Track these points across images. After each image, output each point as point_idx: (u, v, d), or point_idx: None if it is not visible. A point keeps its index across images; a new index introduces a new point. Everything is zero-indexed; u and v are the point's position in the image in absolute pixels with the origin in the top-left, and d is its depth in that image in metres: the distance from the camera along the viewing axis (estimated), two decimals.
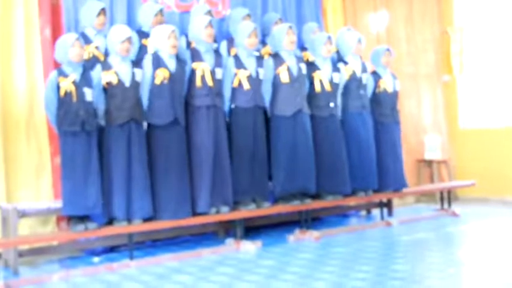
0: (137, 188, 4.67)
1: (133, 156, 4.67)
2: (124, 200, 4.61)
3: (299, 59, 5.65)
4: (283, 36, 5.46)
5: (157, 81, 4.81)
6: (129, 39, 4.72)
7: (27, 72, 5.09)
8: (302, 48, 6.23)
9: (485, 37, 8.03)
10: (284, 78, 5.38)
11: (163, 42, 4.85)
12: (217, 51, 5.33)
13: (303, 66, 5.59)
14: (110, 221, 4.65)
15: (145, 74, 4.82)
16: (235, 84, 5.24)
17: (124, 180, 4.62)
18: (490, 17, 7.96)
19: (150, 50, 5.09)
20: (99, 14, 5.01)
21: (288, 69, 5.42)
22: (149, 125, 4.86)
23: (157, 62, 4.84)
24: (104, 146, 4.66)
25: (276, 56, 5.51)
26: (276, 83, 5.43)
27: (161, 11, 5.32)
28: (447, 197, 6.83)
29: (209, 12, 5.52)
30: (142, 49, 5.14)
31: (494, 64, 7.94)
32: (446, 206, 6.81)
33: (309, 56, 5.99)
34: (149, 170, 4.78)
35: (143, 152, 4.75)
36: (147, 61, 4.86)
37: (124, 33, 4.71)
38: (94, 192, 4.50)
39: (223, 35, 5.89)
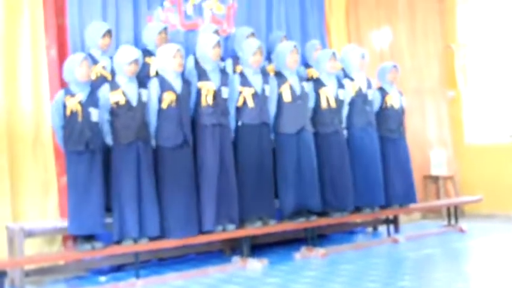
0: (147, 207, 4.67)
1: (141, 174, 4.68)
2: (135, 219, 4.61)
3: (302, 78, 5.68)
4: (287, 55, 5.49)
5: (164, 105, 4.83)
6: (136, 61, 4.76)
7: (33, 91, 5.12)
8: (306, 65, 6.26)
9: (489, 53, 8.05)
10: (286, 97, 5.40)
11: (168, 61, 4.88)
12: (223, 70, 5.35)
13: (306, 85, 5.61)
14: (119, 240, 4.65)
15: (151, 98, 4.84)
16: (240, 102, 5.25)
17: (134, 200, 4.62)
18: (493, 33, 7.98)
19: (153, 69, 5.12)
20: (104, 35, 5.05)
21: (291, 87, 5.44)
22: (157, 145, 4.87)
23: (163, 85, 4.85)
24: (112, 165, 4.67)
25: (278, 75, 5.53)
26: (279, 102, 5.44)
27: (165, 29, 5.36)
28: (454, 213, 6.80)
29: (216, 32, 5.56)
30: (145, 67, 5.16)
31: (499, 79, 7.95)
32: (453, 221, 6.78)
33: (313, 72, 6.02)
34: (157, 188, 4.78)
35: (151, 170, 4.76)
36: (153, 85, 4.87)
37: (131, 54, 4.74)
38: (96, 211, 4.49)
39: (228, 53, 5.92)
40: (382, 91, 6.16)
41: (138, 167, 4.68)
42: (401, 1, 7.98)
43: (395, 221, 6.64)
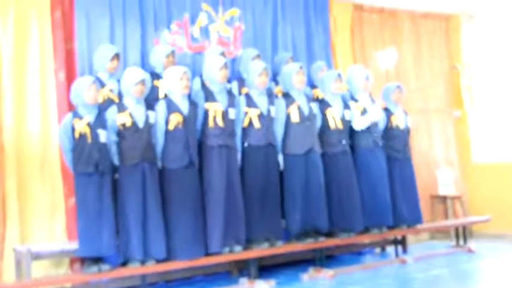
0: (153, 228, 4.67)
1: (147, 196, 4.69)
2: (140, 241, 4.60)
3: (309, 98, 5.71)
4: (293, 76, 5.51)
5: (171, 127, 4.86)
6: (143, 82, 4.80)
7: (41, 114, 5.18)
8: (312, 86, 6.28)
9: (495, 73, 8.06)
10: (294, 117, 5.42)
11: (175, 83, 4.92)
12: (230, 91, 5.38)
13: (314, 105, 5.63)
14: (124, 262, 4.64)
15: (158, 119, 4.87)
16: (246, 123, 5.28)
17: (139, 221, 4.62)
18: (498, 53, 8.01)
19: (162, 92, 5.16)
20: (112, 58, 5.10)
21: (299, 108, 5.46)
22: (163, 167, 4.89)
23: (170, 107, 4.89)
24: (118, 186, 4.69)
25: (286, 96, 5.55)
26: (287, 123, 5.46)
27: (172, 52, 5.41)
28: (462, 233, 6.76)
29: (222, 54, 5.60)
30: (154, 90, 5.20)
31: (505, 99, 7.95)
32: (461, 242, 6.74)
33: (319, 93, 6.04)
34: (163, 210, 4.78)
35: (157, 191, 4.76)
36: (160, 106, 4.91)
37: (137, 75, 4.79)
38: (106, 233, 4.51)
39: (235, 74, 5.96)
40: (387, 111, 6.17)
41: (144, 188, 4.69)
42: (406, 21, 8.03)
43: (403, 242, 6.61)
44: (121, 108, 4.77)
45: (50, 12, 5.32)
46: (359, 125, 5.81)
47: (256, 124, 5.26)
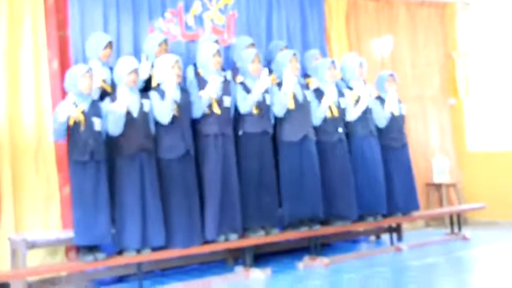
0: (151, 217, 4.66)
1: (145, 186, 4.67)
2: (137, 230, 4.60)
3: (303, 86, 5.69)
4: (286, 63, 5.50)
5: None
6: (136, 71, 4.77)
7: (35, 103, 5.14)
8: (305, 75, 6.26)
9: (490, 61, 8.07)
10: (290, 104, 5.41)
11: (167, 71, 4.89)
12: (224, 79, 5.36)
13: (308, 93, 5.62)
14: (120, 251, 4.64)
15: (153, 109, 4.84)
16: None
17: (137, 210, 4.61)
18: (493, 41, 8.01)
19: (154, 81, 5.11)
20: (106, 46, 5.06)
21: (294, 96, 5.44)
22: (159, 157, 4.86)
23: (163, 97, 4.85)
24: (115, 176, 4.68)
25: (281, 84, 5.53)
26: None
27: (165, 41, 5.36)
28: (457, 221, 6.79)
29: (216, 42, 5.57)
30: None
31: (501, 87, 7.96)
32: (456, 229, 6.77)
33: (313, 82, 6.02)
34: (160, 199, 4.77)
35: (155, 181, 4.75)
36: (153, 97, 4.87)
37: (131, 64, 4.76)
38: (103, 222, 4.50)
39: (229, 62, 5.93)
40: (381, 100, 6.16)
41: (141, 178, 4.68)
42: (402, 10, 8.01)
43: (397, 230, 6.63)
44: (115, 98, 4.74)
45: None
46: (352, 115, 5.81)
47: (252, 111, 5.24)
